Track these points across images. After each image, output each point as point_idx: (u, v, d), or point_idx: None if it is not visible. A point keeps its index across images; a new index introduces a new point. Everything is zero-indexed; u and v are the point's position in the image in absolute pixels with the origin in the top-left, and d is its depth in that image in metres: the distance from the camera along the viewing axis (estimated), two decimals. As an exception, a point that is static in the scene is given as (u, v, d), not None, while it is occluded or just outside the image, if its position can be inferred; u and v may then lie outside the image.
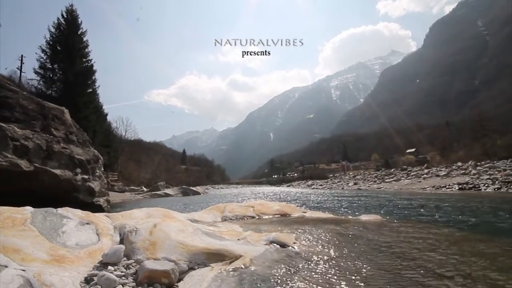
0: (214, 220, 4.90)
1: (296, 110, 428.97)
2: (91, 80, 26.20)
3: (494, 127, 43.20)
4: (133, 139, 45.73)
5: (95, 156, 11.07)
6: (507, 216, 6.33)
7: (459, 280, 2.08)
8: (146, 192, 26.68)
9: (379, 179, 33.53)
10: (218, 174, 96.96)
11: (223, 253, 2.54)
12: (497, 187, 16.14)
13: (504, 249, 3.08)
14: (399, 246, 3.15)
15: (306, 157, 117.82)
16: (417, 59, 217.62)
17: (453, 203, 9.47)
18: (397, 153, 69.72)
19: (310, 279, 2.15)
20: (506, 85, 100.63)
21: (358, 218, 5.32)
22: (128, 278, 2.15)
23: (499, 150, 32.75)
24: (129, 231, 2.90)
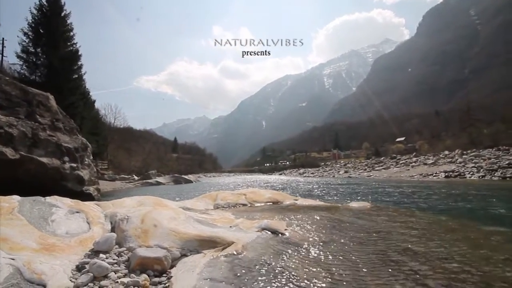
0: (206, 208, 4.92)
1: (289, 98, 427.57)
2: (76, 65, 25.26)
3: (481, 116, 44.30)
4: (123, 126, 44.85)
5: (83, 144, 10.83)
6: (491, 202, 6.60)
7: (442, 260, 2.17)
8: (137, 180, 26.49)
9: (369, 167, 34.25)
10: (210, 163, 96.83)
11: (215, 240, 2.57)
12: (482, 174, 16.74)
13: (484, 234, 3.22)
14: (387, 231, 3.25)
15: (298, 145, 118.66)
16: (409, 48, 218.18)
17: (438, 191, 9.79)
18: (387, 142, 70.99)
19: (300, 264, 2.20)
20: (495, 75, 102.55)
21: (348, 205, 5.44)
22: (120, 266, 2.15)
23: (484, 139, 33.76)
24: (121, 219, 2.88)
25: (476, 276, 1.91)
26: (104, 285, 1.85)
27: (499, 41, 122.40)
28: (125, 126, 46.56)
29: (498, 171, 16.20)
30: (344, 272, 2.03)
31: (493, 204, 6.22)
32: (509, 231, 3.34)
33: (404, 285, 1.82)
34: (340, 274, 2.01)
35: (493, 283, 1.82)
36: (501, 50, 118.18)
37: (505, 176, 15.11)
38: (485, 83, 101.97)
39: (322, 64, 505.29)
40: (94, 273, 1.95)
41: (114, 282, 1.90)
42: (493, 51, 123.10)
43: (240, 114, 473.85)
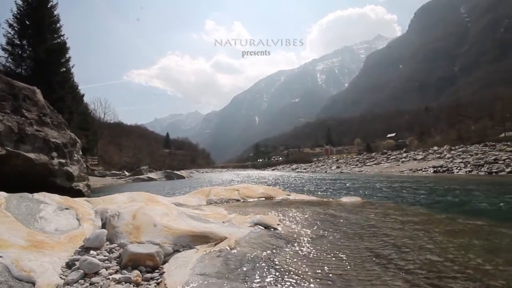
0: (199, 203, 4.91)
1: (282, 94, 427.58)
2: (64, 58, 24.55)
3: (469, 113, 45.40)
4: (113, 121, 44.12)
5: (72, 139, 10.60)
6: (476, 197, 6.80)
7: (427, 254, 2.24)
8: (128, 176, 26.20)
9: (361, 162, 34.73)
10: (202, 158, 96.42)
11: (208, 235, 2.57)
12: (469, 170, 17.22)
13: (468, 227, 3.33)
14: (377, 225, 3.32)
15: (291, 141, 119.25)
16: (401, 45, 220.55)
17: (426, 186, 10.02)
18: (378, 138, 72.10)
19: (292, 258, 2.23)
20: (482, 73, 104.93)
21: (340, 200, 5.52)
22: (111, 262, 2.13)
23: (472, 135, 34.66)
24: (111, 215, 2.85)
25: (459, 268, 1.98)
26: (95, 281, 1.83)
27: (488, 39, 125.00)
28: (115, 121, 45.85)
29: (485, 166, 16.69)
30: (335, 266, 2.07)
31: (478, 199, 6.42)
32: (493, 224, 3.46)
33: (392, 278, 1.87)
34: (331, 268, 2.04)
35: (477, 275, 1.89)
36: (489, 48, 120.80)
37: (491, 171, 15.58)
38: (474, 80, 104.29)
39: (315, 59, 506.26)
40: (85, 269, 1.93)
41: (106, 278, 1.88)
42: (482, 48, 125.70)
43: (233, 110, 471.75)
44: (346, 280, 1.85)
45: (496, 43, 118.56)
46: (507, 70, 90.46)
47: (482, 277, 1.84)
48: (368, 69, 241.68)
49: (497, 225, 3.43)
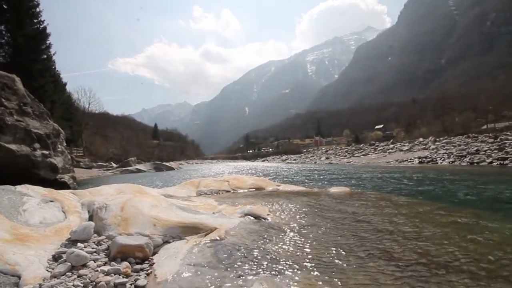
0: (189, 195, 4.90)
1: (272, 85, 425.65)
2: (45, 45, 23.44)
3: (454, 105, 46.62)
4: (98, 112, 42.50)
5: (55, 130, 10.24)
6: (456, 186, 7.08)
7: (412, 240, 2.33)
8: (116, 168, 25.69)
9: (349, 153, 35.34)
10: (192, 149, 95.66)
11: (198, 226, 2.58)
12: (452, 160, 17.84)
13: (448, 215, 3.48)
14: (364, 214, 3.41)
15: (281, 132, 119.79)
16: (390, 37, 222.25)
17: (411, 176, 10.34)
18: (366, 129, 73.40)
19: (282, 247, 2.27)
20: (469, 65, 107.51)
21: (328, 190, 5.62)
22: (100, 254, 2.11)
23: (456, 127, 35.77)
24: (99, 207, 2.80)
25: (440, 251, 2.07)
26: (83, 274, 1.81)
27: (475, 32, 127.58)
28: (101, 111, 44.23)
29: (467, 157, 17.33)
30: (323, 254, 2.12)
31: (458, 188, 6.69)
32: (473, 212, 3.63)
33: (378, 264, 1.93)
34: (320, 255, 2.09)
35: (457, 262, 1.98)
36: (475, 41, 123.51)
37: (472, 161, 16.20)
38: (460, 73, 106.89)
39: (305, 50, 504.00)
40: (72, 262, 1.90)
41: (94, 270, 1.86)
42: (468, 42, 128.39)
43: (223, 100, 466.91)
44: (334, 267, 1.90)
45: (483, 36, 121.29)
46: (492, 63, 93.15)
47: (462, 264, 1.93)
48: (358, 61, 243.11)
49: (477, 214, 3.60)
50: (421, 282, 1.68)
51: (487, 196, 5.25)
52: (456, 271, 1.81)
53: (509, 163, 13.91)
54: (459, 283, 1.66)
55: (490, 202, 4.68)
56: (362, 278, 1.74)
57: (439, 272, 1.80)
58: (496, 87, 43.80)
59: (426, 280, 1.69)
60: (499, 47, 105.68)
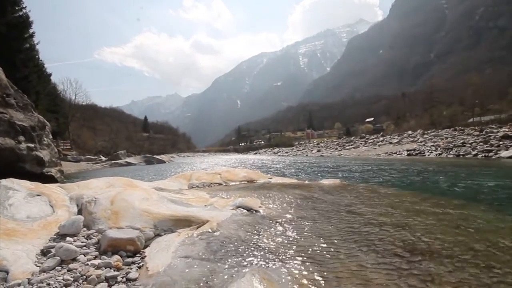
0: (181, 188, 4.87)
1: (264, 77, 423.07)
2: (27, 33, 22.47)
3: (442, 99, 47.54)
4: (85, 103, 41.22)
5: (40, 122, 9.93)
6: (441, 178, 7.29)
7: (398, 229, 2.40)
8: (105, 161, 25.23)
9: (340, 146, 35.77)
10: (183, 142, 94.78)
11: (190, 219, 2.57)
12: (439, 153, 18.31)
13: (434, 205, 3.59)
14: (354, 205, 3.48)
15: (273, 125, 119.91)
16: (381, 30, 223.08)
17: (399, 168, 10.57)
18: (357, 122, 74.27)
19: (274, 239, 2.30)
20: (457, 59, 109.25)
21: (320, 182, 5.69)
22: (90, 248, 2.09)
23: (444, 120, 36.57)
24: (88, 201, 2.76)
25: (426, 240, 2.15)
26: (73, 268, 1.79)
27: (463, 26, 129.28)
28: (88, 103, 42.88)
29: (453, 150, 17.82)
30: (314, 245, 2.16)
31: (444, 180, 6.90)
32: (458, 203, 3.75)
33: (367, 253, 1.98)
34: (311, 246, 2.13)
35: (443, 250, 2.05)
36: (464, 35, 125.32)
37: (458, 154, 16.68)
38: (448, 67, 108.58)
39: (297, 42, 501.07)
40: (62, 256, 1.87)
41: (84, 264, 1.85)
42: (457, 35, 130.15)
43: (215, 93, 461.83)
44: (325, 257, 1.94)
45: (471, 30, 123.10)
46: (479, 58, 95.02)
47: (446, 251, 2.01)
48: (349, 54, 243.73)
49: (462, 205, 3.72)
50: (408, 269, 1.74)
51: (472, 188, 5.44)
52: (441, 258, 1.87)
53: (493, 155, 14.39)
54: (443, 270, 1.72)
55: (475, 194, 4.86)
56: (352, 267, 1.78)
57: (424, 259, 1.86)
58: (482, 81, 44.82)
59: (413, 267, 1.75)
60: (487, 41, 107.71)
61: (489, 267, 1.75)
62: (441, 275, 1.67)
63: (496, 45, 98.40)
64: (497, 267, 1.74)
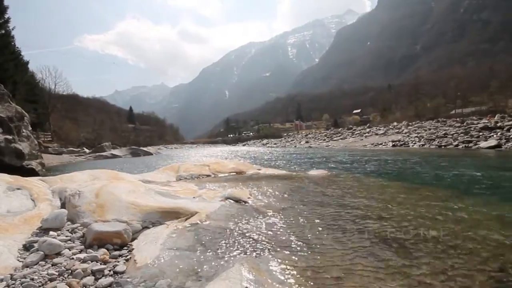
0: (168, 180, 4.82)
1: (253, 67, 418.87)
2: (3, 19, 21.14)
3: (426, 91, 48.74)
4: (66, 93, 39.43)
5: (18, 113, 9.48)
6: (423, 167, 7.56)
7: (383, 217, 2.49)
8: (88, 153, 24.52)
9: (328, 137, 36.27)
10: (171, 134, 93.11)
11: (178, 211, 2.56)
12: (422, 143, 18.90)
13: (414, 193, 3.73)
14: (340, 195, 3.56)
15: (262, 116, 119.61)
16: (369, 21, 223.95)
17: (384, 158, 10.87)
18: (345, 113, 75.18)
19: (262, 229, 2.33)
20: (442, 52, 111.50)
21: (308, 173, 5.78)
22: (75, 242, 2.05)
23: (427, 112, 37.60)
24: (71, 194, 2.68)
25: (409, 227, 2.24)
26: (57, 262, 1.75)
27: (448, 19, 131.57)
28: (69, 93, 41.09)
29: (436, 140, 18.43)
30: (301, 234, 2.21)
31: (426, 170, 7.16)
32: (440, 192, 3.92)
33: (353, 241, 2.05)
34: (298, 235, 2.17)
35: (423, 233, 2.14)
36: (449, 28, 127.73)
37: (440, 144, 17.28)
38: (433, 60, 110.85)
39: (286, 32, 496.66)
40: (45, 251, 1.83)
41: (69, 258, 1.81)
42: (442, 28, 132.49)
43: (202, 83, 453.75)
44: (311, 246, 1.99)
45: (455, 23, 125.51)
46: (463, 50, 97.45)
47: (429, 237, 2.10)
48: (338, 45, 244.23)
49: (443, 194, 3.88)
50: (393, 255, 1.81)
51: (453, 177, 5.67)
52: (424, 243, 1.96)
53: (473, 146, 15.00)
54: (426, 254, 1.81)
55: (455, 183, 5.07)
56: (338, 255, 1.84)
57: (407, 245, 1.94)
58: (465, 74, 46.19)
59: (397, 252, 1.83)
60: (470, 34, 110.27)
61: (470, 254, 1.85)
62: (422, 262, 1.75)
63: (480, 38, 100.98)
64: (477, 254, 1.84)
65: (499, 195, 3.70)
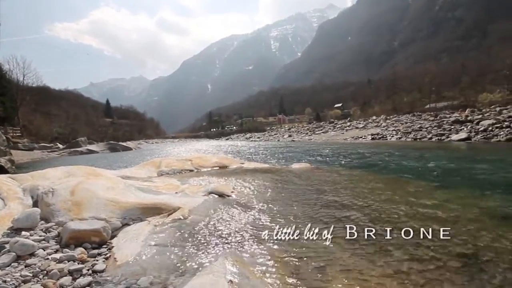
0: (149, 175, 4.71)
1: (235, 60, 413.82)
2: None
3: (403, 86, 50.61)
4: (36, 85, 36.93)
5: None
6: (399, 158, 7.92)
7: (362, 207, 2.59)
8: (62, 149, 23.36)
9: (311, 131, 36.85)
10: (151, 128, 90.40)
11: (160, 207, 2.51)
12: (399, 136, 19.71)
13: (390, 184, 3.91)
14: (322, 187, 3.65)
15: (245, 110, 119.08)
16: (350, 16, 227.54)
17: (364, 151, 11.24)
18: (327, 107, 76.52)
19: (246, 223, 2.34)
20: (417, 48, 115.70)
21: (290, 167, 5.86)
22: (49, 242, 1.96)
23: (404, 106, 39.16)
24: (44, 192, 2.55)
25: (387, 215, 2.35)
26: (31, 263, 1.67)
27: (424, 16, 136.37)
28: (39, 85, 38.51)
29: (411, 134, 19.30)
30: (284, 226, 2.24)
31: (402, 161, 7.51)
32: (415, 181, 4.12)
33: (334, 231, 2.11)
34: (281, 227, 2.21)
35: (400, 220, 2.25)
36: (424, 25, 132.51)
37: (416, 137, 18.12)
38: (409, 55, 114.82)
39: (269, 25, 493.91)
40: (17, 252, 1.74)
41: (44, 259, 1.73)
42: (418, 25, 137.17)
43: (183, 76, 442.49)
44: (293, 238, 2.03)
45: (431, 21, 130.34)
46: (437, 47, 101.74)
47: (405, 223, 2.20)
48: (320, 39, 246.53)
49: (418, 183, 4.08)
50: (372, 245, 1.89)
51: (427, 169, 5.99)
52: (402, 228, 2.07)
53: (445, 138, 15.85)
54: (404, 243, 1.90)
55: (429, 174, 5.35)
56: (320, 246, 1.89)
57: (386, 232, 2.04)
58: (439, 70, 48.44)
59: (375, 242, 1.91)
60: (445, 31, 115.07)
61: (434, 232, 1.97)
62: (394, 246, 1.85)
63: (453, 36, 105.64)
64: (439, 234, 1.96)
65: (470, 186, 3.95)
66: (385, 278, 1.52)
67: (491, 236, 1.97)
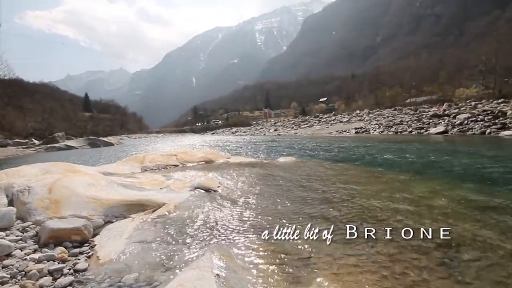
0: (133, 171, 4.59)
1: (220, 54, 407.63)
2: None
3: (386, 81, 51.98)
4: (8, 78, 34.85)
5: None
6: (381, 152, 8.18)
7: (345, 200, 2.67)
8: (38, 145, 22.31)
9: (296, 125, 37.19)
10: (134, 123, 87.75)
11: (144, 203, 2.46)
12: (381, 130, 20.31)
13: (374, 176, 4.04)
14: (307, 181, 3.71)
15: (231, 104, 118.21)
16: (335, 11, 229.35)
17: (347, 145, 11.51)
18: (312, 102, 77.40)
19: (232, 217, 2.35)
20: (399, 44, 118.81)
21: (276, 161, 5.90)
22: (27, 242, 1.89)
23: (386, 101, 40.29)
24: (20, 191, 2.43)
25: (370, 207, 2.43)
26: (8, 264, 1.61)
27: (405, 12, 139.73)
28: (12, 78, 36.38)
29: (393, 127, 19.95)
30: (270, 220, 2.27)
31: (383, 154, 7.76)
32: (397, 174, 4.28)
33: (320, 223, 2.16)
34: (267, 220, 2.24)
35: (382, 212, 2.34)
36: (406, 21, 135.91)
37: (397, 131, 18.75)
38: (392, 51, 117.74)
39: (254, 18, 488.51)
40: (-8, 254, 1.65)
41: (22, 259, 1.67)
42: (400, 21, 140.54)
43: (167, 69, 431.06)
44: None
45: (412, 17, 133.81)
46: (418, 43, 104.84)
47: (389, 215, 2.29)
48: (305, 33, 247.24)
49: (400, 176, 4.24)
50: (357, 236, 1.95)
51: (407, 161, 6.22)
52: (386, 220, 2.15)
53: (424, 132, 16.51)
54: (393, 231, 1.98)
55: (410, 165, 5.57)
56: (305, 239, 1.93)
57: (371, 224, 2.11)
58: (419, 65, 50.06)
59: (358, 232, 1.97)
60: (425, 28, 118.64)
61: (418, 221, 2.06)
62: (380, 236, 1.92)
63: (432, 32, 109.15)
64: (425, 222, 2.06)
65: (449, 177, 4.15)
66: (356, 268, 1.58)
67: (470, 224, 2.08)
